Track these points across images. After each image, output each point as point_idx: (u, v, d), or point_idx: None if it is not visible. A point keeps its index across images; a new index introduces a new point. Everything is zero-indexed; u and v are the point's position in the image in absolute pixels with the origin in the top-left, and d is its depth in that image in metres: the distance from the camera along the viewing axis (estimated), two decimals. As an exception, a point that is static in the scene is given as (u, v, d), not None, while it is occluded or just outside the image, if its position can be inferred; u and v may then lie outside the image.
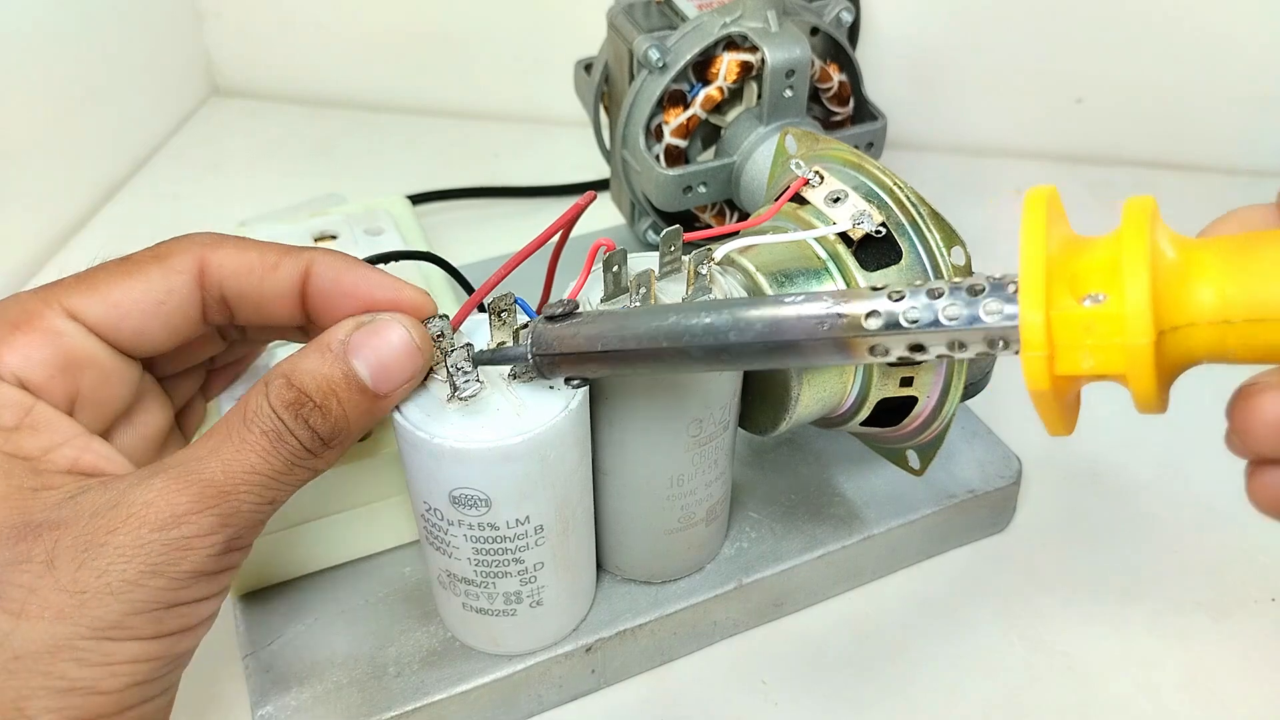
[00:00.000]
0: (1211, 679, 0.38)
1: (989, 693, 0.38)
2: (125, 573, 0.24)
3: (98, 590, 0.24)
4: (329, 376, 0.27)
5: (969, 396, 0.40)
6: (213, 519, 0.25)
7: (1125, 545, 0.43)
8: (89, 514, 0.24)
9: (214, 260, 0.28)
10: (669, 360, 0.27)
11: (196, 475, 0.25)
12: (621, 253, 0.32)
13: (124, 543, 0.24)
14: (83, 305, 0.28)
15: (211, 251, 0.29)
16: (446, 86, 0.72)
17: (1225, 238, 0.21)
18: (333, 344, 0.28)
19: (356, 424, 0.28)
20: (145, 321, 0.28)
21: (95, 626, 0.24)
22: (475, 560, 0.32)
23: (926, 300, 0.23)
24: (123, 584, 0.24)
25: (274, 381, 0.27)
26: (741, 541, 0.39)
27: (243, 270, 0.29)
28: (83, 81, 0.63)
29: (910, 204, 0.33)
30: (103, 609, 0.24)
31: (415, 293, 0.29)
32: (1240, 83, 0.63)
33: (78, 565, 0.24)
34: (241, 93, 0.75)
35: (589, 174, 0.60)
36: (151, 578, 0.24)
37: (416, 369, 0.29)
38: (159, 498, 0.25)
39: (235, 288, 0.29)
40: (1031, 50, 0.64)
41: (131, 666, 0.24)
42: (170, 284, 0.28)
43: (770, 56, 0.43)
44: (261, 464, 0.26)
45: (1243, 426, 0.22)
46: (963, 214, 0.39)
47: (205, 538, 0.25)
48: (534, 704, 0.36)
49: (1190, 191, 0.64)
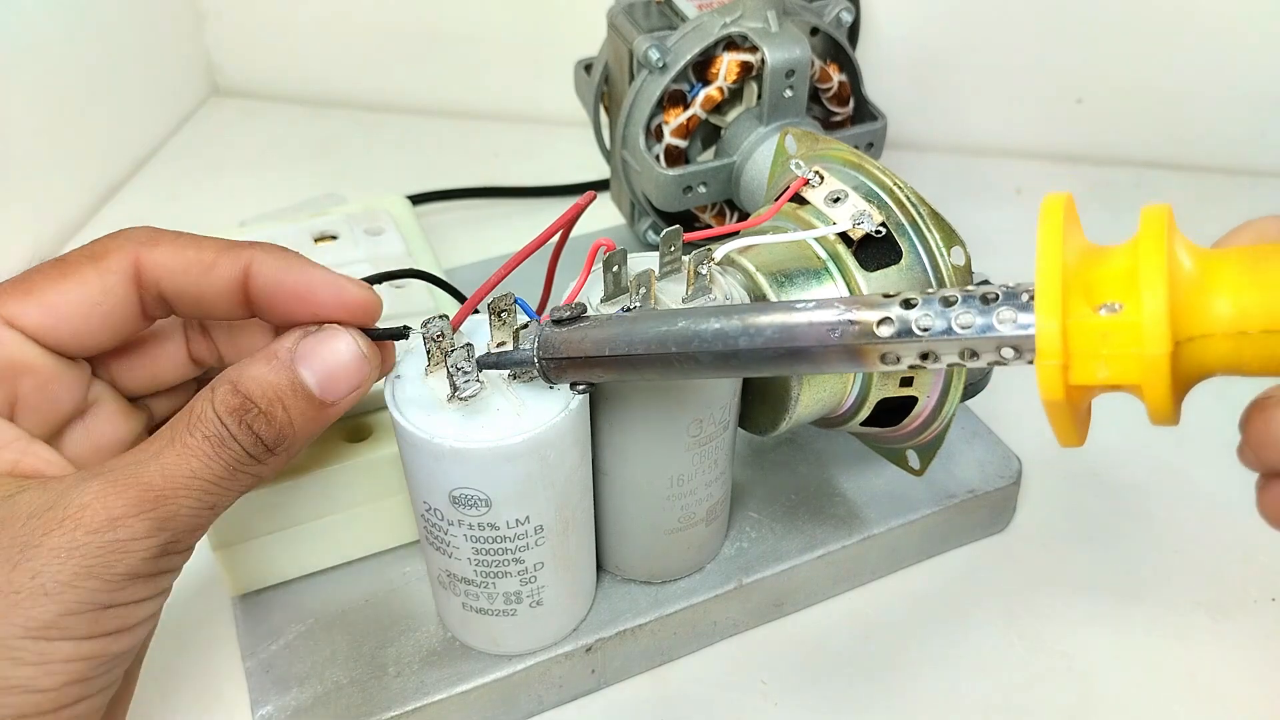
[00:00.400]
0: (1211, 679, 0.38)
1: (989, 693, 0.38)
2: (59, 574, 0.24)
3: (31, 590, 0.24)
4: (275, 384, 0.27)
5: (969, 397, 0.40)
6: (148, 522, 0.25)
7: (1125, 545, 0.43)
8: (25, 515, 0.25)
9: (149, 259, 0.28)
10: (676, 366, 0.27)
11: (134, 478, 0.25)
12: (621, 253, 0.32)
13: (58, 544, 0.24)
14: (18, 311, 0.27)
15: (147, 251, 0.28)
16: (446, 86, 0.72)
17: (1242, 248, 0.21)
18: (280, 352, 0.28)
19: (302, 432, 0.28)
20: (82, 324, 0.28)
21: (29, 626, 0.24)
22: (475, 560, 0.32)
23: (940, 308, 0.23)
24: (56, 585, 0.24)
25: (220, 387, 0.27)
26: (741, 541, 0.39)
27: (178, 269, 0.28)
28: (83, 81, 0.63)
29: (910, 204, 0.33)
30: (37, 609, 0.24)
31: (359, 289, 0.29)
32: (1240, 83, 0.63)
33: (12, 566, 0.24)
34: (241, 93, 0.75)
35: (589, 174, 0.60)
36: (85, 579, 0.24)
37: (363, 378, 0.29)
38: (95, 500, 0.25)
39: (172, 286, 0.28)
40: (1031, 50, 0.64)
41: (67, 665, 0.24)
42: (105, 284, 0.28)
43: (770, 56, 0.43)
44: (203, 469, 0.26)
45: (1257, 441, 0.21)
46: (963, 214, 0.39)
47: (140, 541, 0.25)
48: (534, 704, 0.36)
49: (1190, 191, 0.64)
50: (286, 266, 0.29)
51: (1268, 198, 0.63)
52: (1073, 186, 0.64)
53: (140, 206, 0.64)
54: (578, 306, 0.29)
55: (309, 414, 0.28)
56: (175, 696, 0.37)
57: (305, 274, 0.29)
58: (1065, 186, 0.73)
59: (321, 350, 0.28)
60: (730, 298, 0.33)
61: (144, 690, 0.37)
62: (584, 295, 0.33)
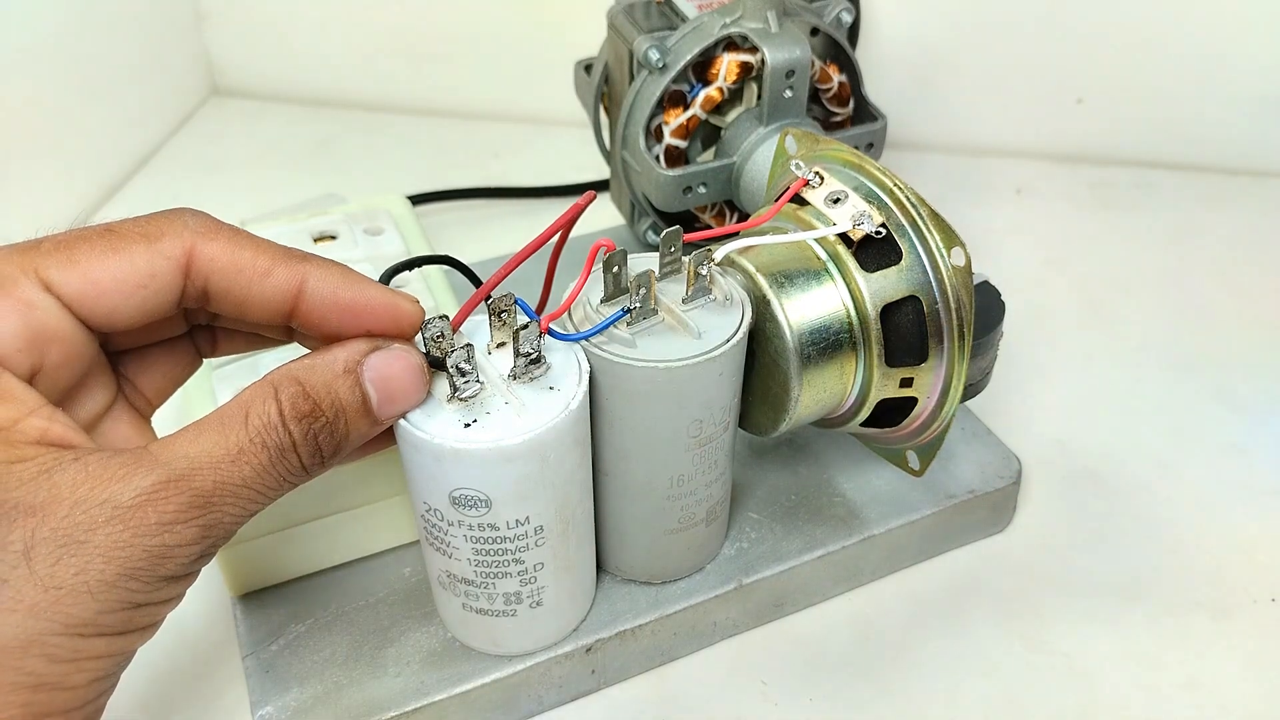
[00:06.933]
0: (1211, 679, 0.38)
1: (989, 693, 0.38)
2: (104, 574, 0.24)
3: (74, 588, 0.23)
4: (342, 394, 0.27)
5: (969, 397, 0.40)
6: (196, 530, 0.25)
7: (1125, 545, 0.43)
8: (69, 502, 0.24)
9: (205, 251, 0.27)
10: None
11: (188, 484, 0.25)
12: (621, 253, 0.32)
13: (104, 543, 0.24)
14: (61, 278, 0.26)
15: (204, 242, 0.27)
16: (446, 86, 0.72)
17: None
18: (348, 362, 0.27)
19: (350, 447, 0.28)
20: (121, 302, 0.27)
21: (69, 624, 0.23)
22: (475, 561, 0.32)
23: None
24: (100, 584, 0.24)
25: (287, 388, 0.26)
26: (741, 541, 0.39)
27: (232, 269, 0.27)
28: (83, 81, 0.63)
29: (910, 204, 0.33)
30: (78, 607, 0.23)
31: (411, 305, 0.29)
32: (1240, 83, 0.63)
33: (55, 560, 0.23)
34: (241, 93, 0.75)
35: (589, 174, 0.61)
36: (129, 580, 0.24)
37: (419, 400, 0.29)
38: (147, 502, 0.24)
39: (221, 285, 0.28)
40: (1031, 50, 0.64)
41: (97, 663, 0.24)
42: (155, 268, 0.27)
43: (770, 57, 0.43)
44: (255, 479, 0.26)
45: None
46: (963, 214, 0.39)
47: (186, 547, 0.25)
48: (534, 704, 0.36)
49: (1190, 191, 0.64)
50: (343, 284, 0.28)
51: (1268, 198, 0.63)
52: (1073, 186, 0.65)
53: (140, 206, 0.63)
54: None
55: (362, 429, 0.28)
56: (175, 696, 0.37)
57: (362, 291, 0.28)
58: (1065, 186, 0.74)
59: (388, 369, 0.28)
60: (730, 298, 0.33)
61: (144, 690, 0.37)
62: (584, 295, 0.33)
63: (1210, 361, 0.52)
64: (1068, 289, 0.57)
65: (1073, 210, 0.63)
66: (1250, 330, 0.54)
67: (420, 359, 0.29)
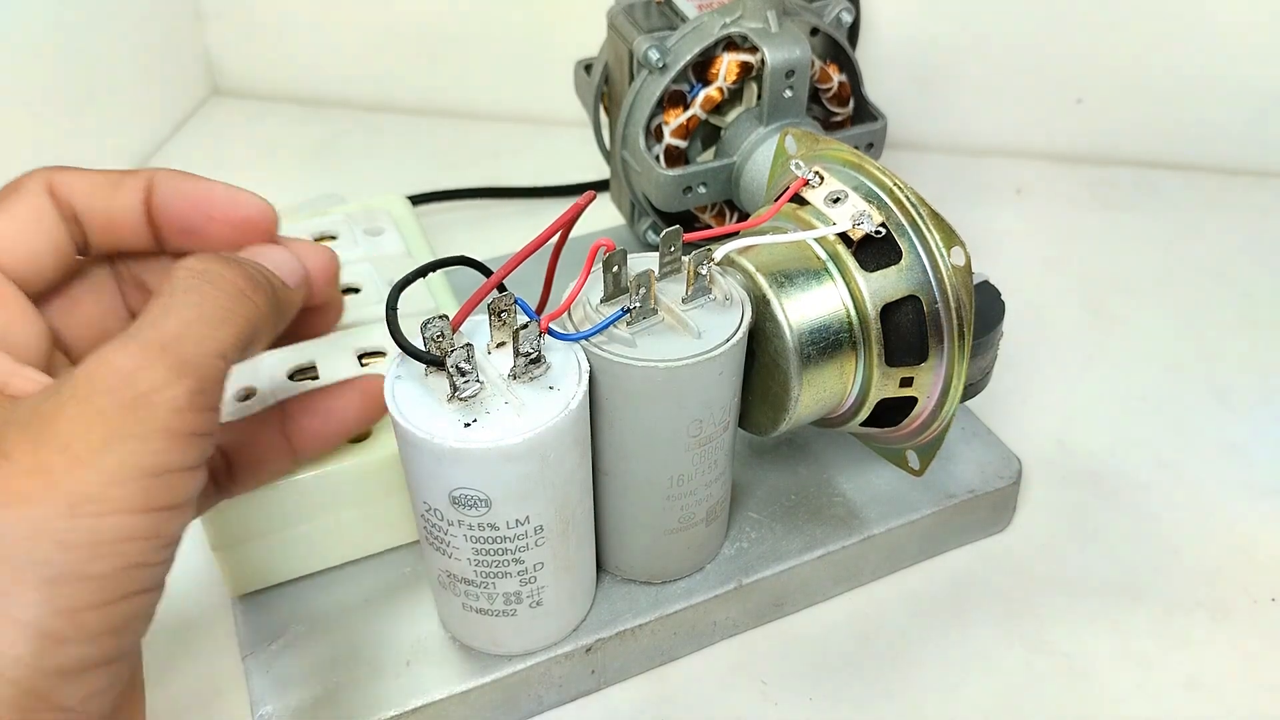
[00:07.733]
0: (1211, 679, 0.38)
1: (989, 693, 0.38)
2: (89, 440, 0.22)
3: (64, 464, 0.22)
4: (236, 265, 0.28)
5: (969, 397, 0.40)
6: (164, 370, 0.23)
7: (1125, 545, 0.43)
8: (32, 406, 0.23)
9: (60, 179, 0.29)
10: None
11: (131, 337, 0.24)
12: (621, 253, 0.32)
13: (77, 413, 0.22)
14: None
15: (57, 174, 0.29)
16: (446, 86, 0.72)
17: None
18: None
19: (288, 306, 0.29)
20: (32, 242, 0.28)
21: (71, 502, 0.22)
22: (475, 560, 0.32)
23: None
24: (89, 451, 0.22)
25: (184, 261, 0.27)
26: (741, 541, 0.39)
27: (88, 189, 0.29)
28: (83, 81, 0.63)
29: (910, 204, 0.33)
30: (74, 482, 0.22)
31: (253, 198, 0.30)
32: (1240, 83, 0.63)
33: (35, 446, 0.22)
34: (241, 93, 0.75)
35: (589, 174, 0.61)
36: (120, 440, 0.22)
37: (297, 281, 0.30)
38: (99, 365, 0.23)
39: (84, 205, 0.29)
40: (1031, 50, 0.64)
41: (117, 546, 0.22)
42: (33, 205, 0.29)
43: (770, 57, 0.43)
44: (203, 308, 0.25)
45: None
46: (963, 214, 0.39)
47: (162, 391, 0.23)
48: (534, 704, 0.36)
49: (1190, 191, 0.64)
50: (188, 179, 0.30)
51: (1268, 198, 0.63)
52: (1073, 186, 0.65)
53: (140, 206, 0.64)
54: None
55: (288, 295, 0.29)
56: (175, 697, 0.37)
57: (207, 185, 0.30)
58: (1065, 186, 0.74)
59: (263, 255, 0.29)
60: (730, 298, 0.33)
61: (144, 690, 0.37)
62: (584, 295, 0.33)
63: (1210, 362, 0.52)
64: (1068, 289, 0.57)
65: (1073, 210, 0.63)
66: (1250, 331, 0.54)
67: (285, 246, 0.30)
